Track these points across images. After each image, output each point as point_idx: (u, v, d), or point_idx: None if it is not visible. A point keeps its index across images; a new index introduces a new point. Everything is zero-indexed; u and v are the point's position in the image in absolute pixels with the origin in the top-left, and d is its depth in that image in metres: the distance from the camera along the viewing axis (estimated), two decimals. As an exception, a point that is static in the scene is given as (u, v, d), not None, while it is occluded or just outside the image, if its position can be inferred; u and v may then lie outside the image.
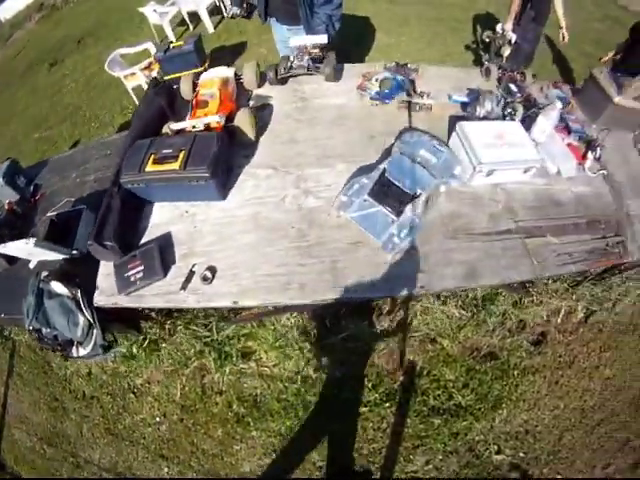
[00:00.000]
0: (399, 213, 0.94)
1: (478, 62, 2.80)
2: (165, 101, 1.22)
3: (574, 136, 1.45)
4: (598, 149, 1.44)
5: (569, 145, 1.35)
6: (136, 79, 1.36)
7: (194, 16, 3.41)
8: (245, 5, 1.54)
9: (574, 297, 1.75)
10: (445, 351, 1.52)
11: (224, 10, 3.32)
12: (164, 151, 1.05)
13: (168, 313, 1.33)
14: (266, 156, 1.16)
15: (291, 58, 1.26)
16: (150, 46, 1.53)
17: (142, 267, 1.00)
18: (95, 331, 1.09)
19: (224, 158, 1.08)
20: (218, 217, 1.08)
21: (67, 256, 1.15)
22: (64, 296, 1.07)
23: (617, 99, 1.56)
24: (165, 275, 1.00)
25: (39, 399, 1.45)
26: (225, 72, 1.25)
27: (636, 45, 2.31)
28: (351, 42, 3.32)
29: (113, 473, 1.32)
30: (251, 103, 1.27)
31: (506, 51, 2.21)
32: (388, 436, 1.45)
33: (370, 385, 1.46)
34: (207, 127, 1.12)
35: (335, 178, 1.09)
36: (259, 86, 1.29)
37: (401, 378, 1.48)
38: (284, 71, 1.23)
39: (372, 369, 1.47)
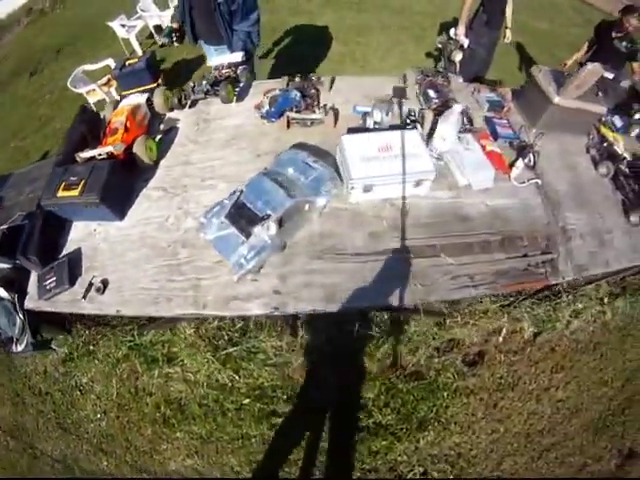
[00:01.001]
0: (248, 235, 0.75)
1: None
2: (86, 128, 1.13)
3: (503, 142, 1.13)
4: (531, 156, 1.10)
5: (490, 153, 1.05)
6: (97, 95, 1.28)
7: (161, 29, 3.12)
8: (175, 34, 1.42)
9: (511, 317, 1.37)
10: (363, 368, 1.26)
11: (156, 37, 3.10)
12: (71, 179, 1.07)
13: (96, 318, 1.26)
14: (160, 179, 1.08)
15: (191, 83, 1.10)
16: (111, 62, 1.46)
17: (55, 277, 1.02)
18: (27, 331, 1.06)
19: (119, 184, 1.05)
20: (115, 235, 1.05)
21: (10, 265, 1.12)
22: (5, 300, 1.10)
23: (557, 99, 1.23)
24: (72, 285, 1.01)
25: (3, 395, 1.48)
26: (137, 99, 1.15)
27: (602, 43, 1.84)
28: (302, 52, 3.03)
29: (63, 465, 1.31)
30: (161, 127, 1.14)
31: (457, 56, 1.86)
32: (303, 448, 1.23)
33: (285, 397, 1.27)
34: (110, 155, 1.02)
35: (215, 199, 0.97)
36: (171, 110, 1.16)
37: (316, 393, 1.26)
38: (184, 98, 1.10)
39: (287, 382, 1.27)
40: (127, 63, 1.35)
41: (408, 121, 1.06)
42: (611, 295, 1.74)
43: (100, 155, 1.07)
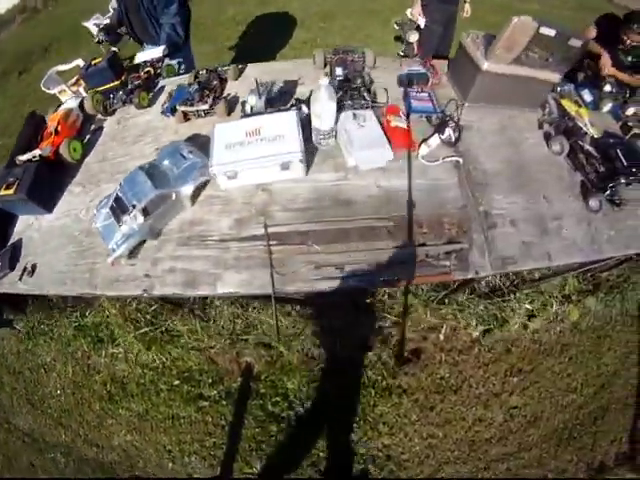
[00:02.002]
0: (121, 223, 0.78)
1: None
2: (32, 132, 1.26)
3: (418, 117, 1.03)
4: (451, 131, 0.97)
5: (394, 129, 0.96)
6: (67, 94, 1.40)
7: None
8: (109, 33, 1.50)
9: (454, 313, 1.24)
10: (284, 358, 1.24)
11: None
12: (9, 179, 1.17)
13: (49, 300, 1.41)
14: (81, 175, 1.17)
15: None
16: (80, 62, 1.56)
17: (0, 263, 1.14)
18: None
19: (46, 182, 1.15)
20: (45, 226, 1.16)
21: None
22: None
23: (485, 65, 1.07)
24: (12, 269, 1.11)
25: (-15, 375, 1.67)
26: (70, 104, 1.24)
27: (604, 47, 1.61)
28: (264, 42, 2.99)
29: (31, 438, 1.46)
30: (92, 127, 1.23)
31: (412, 36, 1.72)
32: (227, 433, 1.26)
33: (210, 381, 1.30)
34: (42, 157, 1.13)
35: (115, 192, 0.98)
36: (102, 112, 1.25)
37: (239, 379, 1.27)
38: (109, 107, 1.19)
39: (212, 366, 1.30)
40: (93, 63, 1.41)
41: (293, 102, 0.98)
42: (581, 293, 1.51)
43: (34, 157, 1.23)
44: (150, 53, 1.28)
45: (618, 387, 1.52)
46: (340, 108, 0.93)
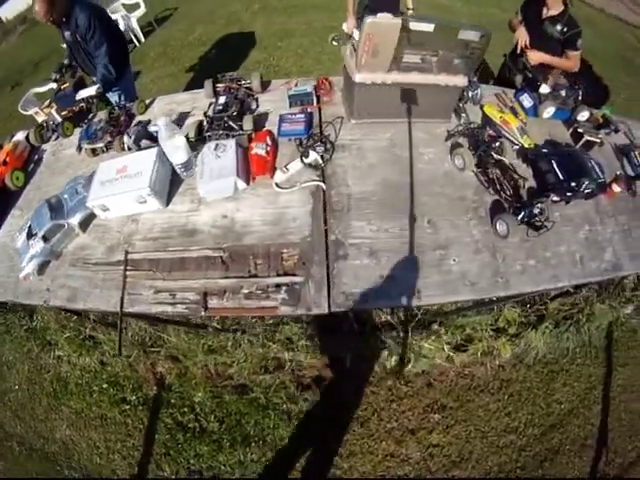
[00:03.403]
0: (29, 245, 1.21)
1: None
2: None
3: (287, 140, 1.26)
4: (316, 155, 1.20)
5: (252, 157, 1.24)
6: (42, 116, 1.91)
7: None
8: (64, 70, 1.97)
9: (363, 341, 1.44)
10: (190, 372, 1.57)
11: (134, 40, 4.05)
12: None
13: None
14: (21, 201, 1.61)
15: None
16: (54, 85, 2.06)
17: None
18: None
19: None
20: None
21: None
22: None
23: (357, 77, 1.25)
24: None
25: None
26: (18, 137, 1.74)
27: (529, 25, 1.77)
28: (221, 64, 3.54)
29: None
30: (36, 157, 1.71)
31: (346, 50, 1.89)
32: (143, 437, 1.64)
33: (131, 387, 1.70)
34: None
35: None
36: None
37: (155, 387, 1.64)
38: (44, 136, 1.64)
39: (133, 374, 1.69)
40: (62, 87, 1.92)
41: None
42: (522, 325, 1.54)
43: (-11, 185, 1.77)
44: (86, 91, 1.72)
45: (574, 427, 1.57)
46: (209, 138, 1.22)
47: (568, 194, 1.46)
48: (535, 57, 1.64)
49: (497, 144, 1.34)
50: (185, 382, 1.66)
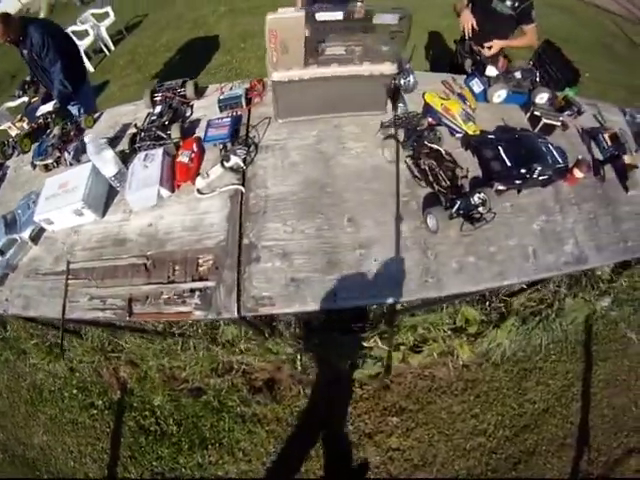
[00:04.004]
0: None
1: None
2: None
3: (213, 145, 1.45)
4: (237, 158, 1.34)
5: (177, 164, 1.41)
6: (14, 130, 2.21)
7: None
8: (27, 86, 2.26)
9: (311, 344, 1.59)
10: (149, 376, 1.78)
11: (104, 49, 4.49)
12: None
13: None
14: None
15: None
16: (25, 99, 2.37)
17: None
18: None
19: None
20: None
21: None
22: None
23: (274, 75, 1.36)
24: None
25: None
26: None
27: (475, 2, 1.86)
28: (186, 67, 3.89)
29: None
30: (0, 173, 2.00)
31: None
32: (110, 440, 1.88)
33: (98, 392, 1.95)
34: None
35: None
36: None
37: (118, 392, 1.87)
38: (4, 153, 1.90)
39: (99, 379, 1.94)
40: (32, 101, 2.31)
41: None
42: (484, 323, 1.60)
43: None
44: (45, 108, 1.98)
45: (550, 426, 1.63)
46: (139, 149, 1.41)
47: (517, 182, 1.50)
48: (494, 48, 1.71)
49: (432, 133, 1.42)
50: (145, 386, 1.90)
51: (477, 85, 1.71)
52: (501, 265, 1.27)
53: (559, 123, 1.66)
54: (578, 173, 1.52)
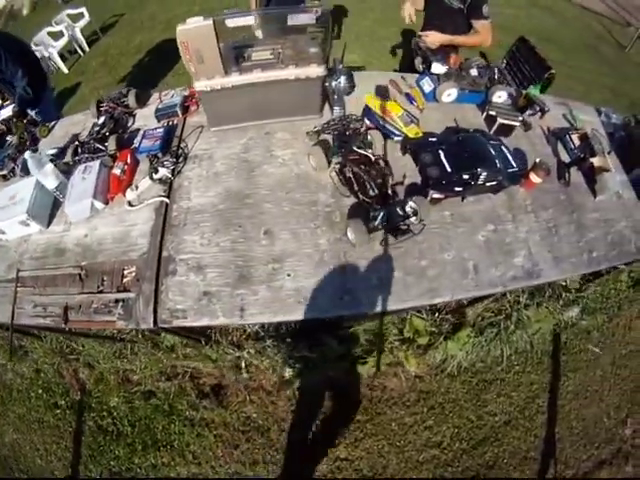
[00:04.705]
0: None
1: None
2: None
3: (145, 157, 1.69)
4: (165, 169, 1.57)
5: (111, 176, 1.64)
6: None
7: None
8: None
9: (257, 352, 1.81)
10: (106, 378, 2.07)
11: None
12: None
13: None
14: None
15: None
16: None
17: None
18: None
19: None
20: None
21: None
22: None
23: (195, 85, 1.49)
24: None
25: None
26: None
27: None
28: (155, 69, 4.34)
29: None
30: None
31: None
32: (72, 440, 2.20)
33: (61, 392, 2.27)
34: None
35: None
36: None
37: (79, 392, 2.18)
38: None
39: (61, 379, 2.25)
40: (5, 104, 2.68)
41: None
42: (435, 334, 1.74)
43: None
44: (4, 112, 2.28)
45: (512, 439, 1.77)
46: (78, 161, 1.65)
47: (457, 189, 1.59)
48: (431, 39, 1.78)
49: (361, 137, 1.53)
50: (102, 388, 2.21)
51: (427, 84, 1.81)
52: (433, 281, 1.33)
53: (518, 123, 1.73)
54: (535, 178, 1.58)
